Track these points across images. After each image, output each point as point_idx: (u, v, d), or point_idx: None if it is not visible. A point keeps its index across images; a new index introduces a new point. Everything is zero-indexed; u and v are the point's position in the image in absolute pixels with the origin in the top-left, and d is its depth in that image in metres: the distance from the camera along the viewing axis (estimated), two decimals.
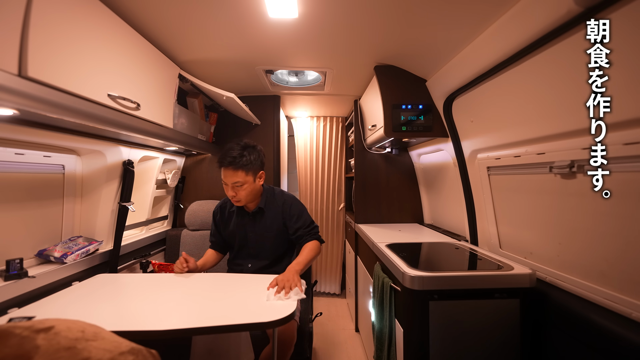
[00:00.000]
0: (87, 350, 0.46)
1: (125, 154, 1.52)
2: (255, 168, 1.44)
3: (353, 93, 2.28)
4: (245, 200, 1.47)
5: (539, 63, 0.99)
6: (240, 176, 1.40)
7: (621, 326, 0.81)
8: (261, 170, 1.50)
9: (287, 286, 1.16)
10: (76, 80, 0.92)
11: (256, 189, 1.50)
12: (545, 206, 1.11)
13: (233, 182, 1.40)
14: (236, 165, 1.39)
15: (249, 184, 1.43)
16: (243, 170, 1.40)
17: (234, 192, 1.43)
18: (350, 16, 1.22)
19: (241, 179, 1.40)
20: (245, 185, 1.42)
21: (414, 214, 2.30)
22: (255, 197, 1.52)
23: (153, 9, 1.15)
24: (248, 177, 1.42)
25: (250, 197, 1.48)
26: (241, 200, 1.46)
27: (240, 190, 1.43)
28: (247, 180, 1.42)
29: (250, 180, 1.43)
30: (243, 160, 1.39)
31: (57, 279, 1.23)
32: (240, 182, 1.40)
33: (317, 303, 2.94)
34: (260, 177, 1.49)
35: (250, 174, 1.42)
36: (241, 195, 1.44)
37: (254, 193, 1.49)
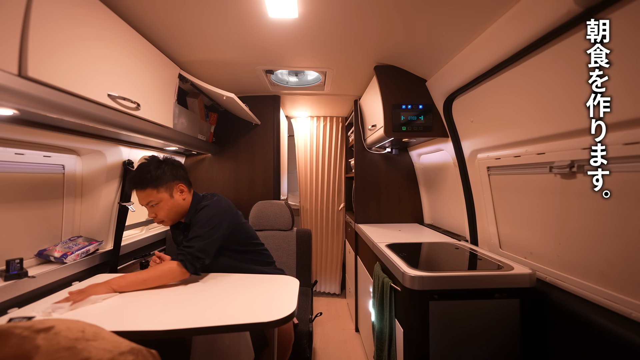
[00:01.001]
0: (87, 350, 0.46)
1: (125, 154, 1.52)
2: (164, 182, 1.28)
3: (353, 93, 2.28)
4: (169, 219, 1.33)
5: (539, 63, 0.99)
6: (152, 195, 1.26)
7: (621, 326, 0.81)
8: (178, 183, 1.33)
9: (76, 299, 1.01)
10: (76, 80, 0.92)
11: (179, 205, 1.32)
12: (545, 206, 1.11)
13: (146, 202, 1.27)
14: (142, 185, 1.25)
15: (164, 202, 1.28)
16: (150, 187, 1.26)
17: (153, 213, 1.30)
18: (350, 16, 1.22)
19: (153, 198, 1.26)
20: (160, 203, 1.28)
21: (414, 214, 2.30)
22: (180, 213, 1.35)
23: (153, 9, 1.15)
24: (160, 194, 1.27)
25: (173, 215, 1.32)
26: (164, 221, 1.32)
27: (158, 210, 1.29)
28: (160, 198, 1.27)
29: (165, 196, 1.28)
30: (148, 178, 1.25)
31: (57, 279, 1.23)
32: (152, 201, 1.27)
33: (317, 303, 2.94)
34: (179, 190, 1.33)
35: (161, 190, 1.27)
36: (162, 215, 1.30)
37: (176, 210, 1.32)
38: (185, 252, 1.21)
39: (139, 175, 1.26)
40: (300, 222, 3.09)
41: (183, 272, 1.19)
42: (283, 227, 2.02)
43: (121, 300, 1.12)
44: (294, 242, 2.01)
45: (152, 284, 1.16)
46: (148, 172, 1.26)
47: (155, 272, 1.17)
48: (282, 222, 2.01)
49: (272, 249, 1.99)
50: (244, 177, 2.36)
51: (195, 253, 1.21)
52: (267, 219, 2.02)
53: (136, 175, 1.27)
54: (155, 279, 1.16)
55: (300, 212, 3.08)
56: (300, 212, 3.08)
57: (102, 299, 1.05)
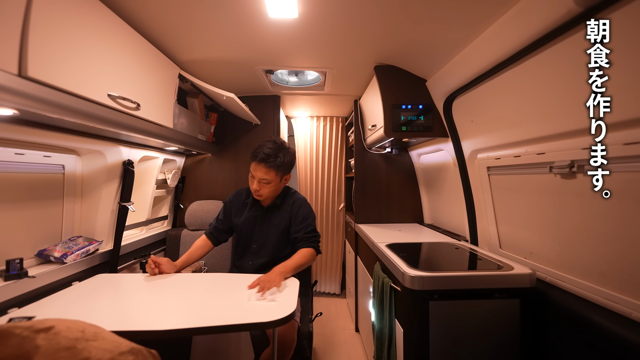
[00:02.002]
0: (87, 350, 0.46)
1: (125, 154, 1.52)
2: (285, 170, 1.49)
3: (353, 93, 2.28)
4: (266, 196, 1.51)
5: (539, 63, 0.99)
6: (270, 175, 1.44)
7: (621, 326, 0.81)
8: (289, 174, 1.54)
9: (267, 287, 1.14)
10: (76, 80, 0.92)
11: (279, 189, 1.54)
12: (545, 206, 1.11)
13: (261, 178, 1.44)
14: (269, 164, 1.42)
15: (274, 183, 1.47)
16: (274, 169, 1.43)
17: (258, 186, 1.46)
18: (350, 16, 1.22)
19: (270, 178, 1.44)
20: (271, 183, 1.46)
21: (414, 214, 2.30)
22: (275, 195, 1.56)
23: (153, 9, 1.15)
24: (277, 177, 1.46)
25: (273, 194, 1.53)
26: (263, 196, 1.50)
27: (266, 187, 1.46)
28: (274, 180, 1.46)
29: (277, 180, 1.47)
30: (277, 161, 1.43)
31: (57, 279, 1.23)
32: (268, 179, 1.44)
33: (317, 303, 2.94)
34: (286, 179, 1.54)
35: (279, 174, 1.47)
36: (264, 192, 1.47)
37: (276, 192, 1.53)
38: (312, 239, 1.51)
39: (272, 154, 1.42)
40: None
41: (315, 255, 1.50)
42: None
43: (121, 300, 1.12)
44: None
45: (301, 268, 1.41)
46: (278, 156, 1.44)
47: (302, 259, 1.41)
48: None
49: None
50: (244, 177, 2.36)
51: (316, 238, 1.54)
52: None
53: (267, 153, 1.42)
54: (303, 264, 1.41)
55: None
56: None
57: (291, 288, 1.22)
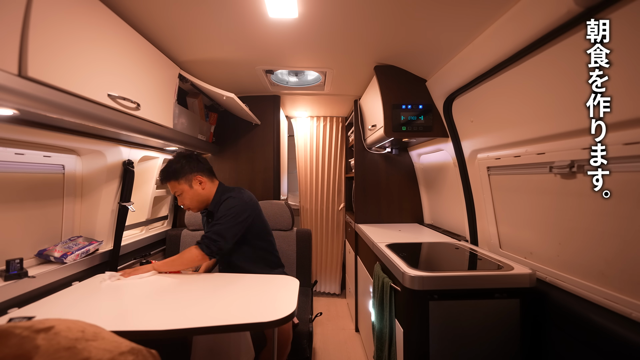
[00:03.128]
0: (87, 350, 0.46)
1: (125, 154, 1.52)
2: (185, 175, 1.46)
3: (353, 93, 2.28)
4: (192, 206, 1.50)
5: (539, 63, 0.99)
6: (173, 186, 1.46)
7: (621, 326, 0.81)
8: (196, 175, 1.48)
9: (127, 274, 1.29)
10: (76, 80, 0.92)
11: (200, 195, 1.49)
12: (545, 206, 1.11)
13: (173, 192, 1.49)
14: (166, 179, 1.46)
15: (185, 192, 1.46)
16: (172, 180, 1.45)
17: (180, 201, 1.50)
18: (350, 16, 1.22)
19: (176, 189, 1.46)
20: (183, 194, 1.47)
21: (414, 214, 2.30)
22: (205, 201, 1.52)
23: (153, 9, 1.15)
24: (181, 186, 1.45)
25: (196, 203, 1.50)
26: (190, 208, 1.51)
27: (182, 199, 1.48)
28: (181, 189, 1.46)
29: (184, 187, 1.46)
30: (170, 171, 1.45)
31: (57, 279, 1.23)
32: (177, 191, 1.47)
33: (317, 303, 2.94)
34: (198, 182, 1.49)
35: (181, 182, 1.45)
36: (186, 204, 1.49)
37: (198, 198, 1.49)
38: (203, 236, 1.39)
39: (164, 170, 1.47)
40: (300, 222, 3.09)
41: (202, 254, 1.35)
42: (283, 227, 2.02)
43: (121, 300, 1.12)
44: (294, 242, 2.01)
45: (179, 267, 1.38)
46: (169, 166, 1.46)
47: (181, 256, 1.37)
48: (282, 222, 2.01)
49: None
50: (244, 177, 2.36)
51: (211, 236, 1.37)
52: (267, 219, 2.01)
53: (162, 171, 1.48)
54: (182, 262, 1.37)
55: (300, 212, 3.08)
56: (300, 212, 3.08)
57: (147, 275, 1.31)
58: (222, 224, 1.40)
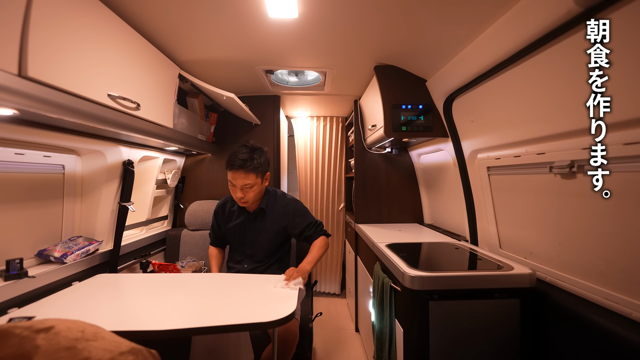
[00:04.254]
0: (87, 350, 0.46)
1: (125, 154, 1.52)
2: (263, 170, 1.48)
3: (353, 93, 2.28)
4: (252, 201, 1.50)
5: (539, 63, 0.99)
6: (251, 178, 1.43)
7: (621, 326, 0.81)
8: (268, 172, 1.53)
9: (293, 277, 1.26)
10: (76, 80, 0.92)
11: (263, 191, 1.54)
12: (545, 206, 1.11)
13: (243, 184, 1.43)
14: (247, 168, 1.41)
15: (257, 186, 1.47)
16: (254, 172, 1.42)
17: (242, 193, 1.45)
18: (350, 16, 1.22)
19: (252, 181, 1.43)
20: (254, 187, 1.46)
21: (414, 214, 2.30)
22: (260, 198, 1.56)
23: (153, 9, 1.15)
24: (258, 179, 1.46)
25: (258, 198, 1.53)
26: (249, 202, 1.49)
27: (250, 192, 1.46)
28: (256, 182, 1.45)
29: (259, 182, 1.47)
30: (254, 163, 1.42)
31: (57, 279, 1.23)
32: (250, 184, 1.43)
33: (317, 303, 2.94)
34: (266, 178, 1.53)
35: (259, 176, 1.46)
36: (249, 197, 1.47)
37: (260, 195, 1.54)
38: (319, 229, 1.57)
39: (248, 159, 1.41)
40: None
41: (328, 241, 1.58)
42: None
43: (121, 300, 1.12)
44: (294, 242, 2.00)
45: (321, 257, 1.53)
46: (253, 158, 1.42)
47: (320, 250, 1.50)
48: None
49: None
50: None
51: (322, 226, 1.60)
52: None
53: (245, 159, 1.40)
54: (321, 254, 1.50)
55: None
56: None
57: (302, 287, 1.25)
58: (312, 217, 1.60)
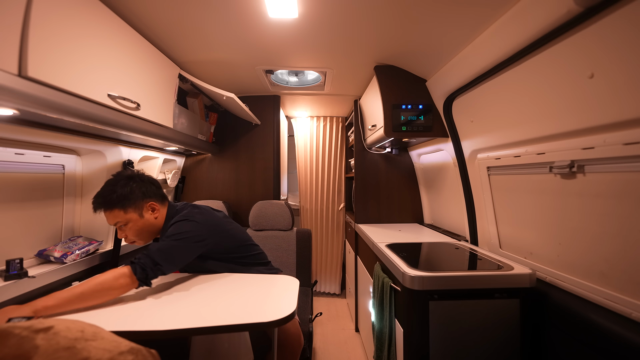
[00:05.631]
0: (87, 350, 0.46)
1: (125, 154, 1.52)
2: (134, 201, 1.19)
3: (353, 93, 2.28)
4: (140, 239, 1.24)
5: (539, 63, 0.99)
6: (118, 216, 1.17)
7: (621, 326, 0.81)
8: (148, 201, 1.23)
9: None
10: (76, 80, 0.92)
11: (150, 225, 1.23)
12: (545, 206, 1.11)
13: (114, 222, 1.19)
14: (108, 206, 1.16)
15: (133, 222, 1.19)
16: (117, 207, 1.16)
17: (122, 233, 1.21)
18: (350, 16, 1.22)
19: (120, 219, 1.18)
20: (129, 224, 1.19)
21: (414, 214, 2.30)
22: (153, 232, 1.26)
23: (153, 9, 1.15)
24: (128, 215, 1.18)
25: (145, 234, 1.24)
26: (136, 242, 1.24)
27: (127, 230, 1.20)
28: (129, 219, 1.18)
29: (133, 217, 1.19)
30: (114, 197, 1.15)
31: (57, 279, 1.23)
32: (120, 222, 1.18)
33: (317, 303, 2.94)
34: (150, 209, 1.24)
35: (130, 210, 1.18)
36: (132, 236, 1.21)
37: (148, 229, 1.23)
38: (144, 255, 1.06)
39: (104, 194, 1.16)
40: (300, 222, 3.09)
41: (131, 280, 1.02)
42: (283, 227, 2.02)
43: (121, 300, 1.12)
44: (294, 242, 2.01)
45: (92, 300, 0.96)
46: (113, 191, 1.16)
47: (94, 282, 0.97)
48: (282, 222, 2.01)
49: (272, 249, 1.99)
50: (244, 177, 2.36)
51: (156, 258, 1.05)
52: (267, 219, 2.02)
53: (101, 195, 1.16)
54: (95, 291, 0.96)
55: (300, 212, 3.08)
56: (300, 212, 3.08)
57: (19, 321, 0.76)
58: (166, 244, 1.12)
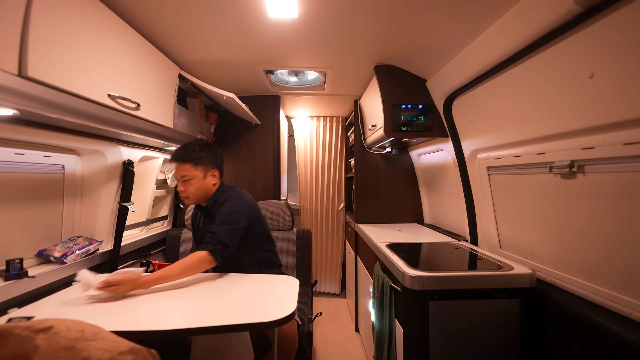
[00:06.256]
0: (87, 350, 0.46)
1: (125, 154, 1.52)
2: (205, 164, 1.41)
3: (353, 93, 2.28)
4: (193, 196, 1.42)
5: (539, 63, 0.99)
6: (188, 169, 1.37)
7: (621, 326, 0.81)
8: (214, 169, 1.45)
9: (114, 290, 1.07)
10: (76, 80, 0.93)
11: (206, 187, 1.44)
12: (546, 206, 1.11)
13: (181, 175, 1.38)
14: (184, 159, 1.37)
15: (197, 180, 1.39)
16: (190, 163, 1.37)
17: (182, 186, 1.40)
18: (350, 16, 1.22)
19: (189, 173, 1.37)
20: (193, 180, 1.38)
21: (414, 214, 2.30)
22: (205, 195, 1.46)
23: (153, 9, 1.15)
24: (196, 172, 1.39)
25: (200, 194, 1.43)
26: (189, 197, 1.41)
27: (188, 185, 1.39)
28: (194, 175, 1.38)
29: (198, 175, 1.39)
30: (192, 155, 1.38)
31: (57, 279, 1.23)
32: (187, 176, 1.37)
33: (317, 303, 2.94)
34: (212, 175, 1.45)
35: (199, 168, 1.39)
36: (189, 191, 1.40)
37: (203, 191, 1.43)
38: (212, 241, 1.28)
39: (184, 150, 1.39)
40: (300, 222, 3.09)
41: (211, 260, 1.26)
42: (283, 227, 2.02)
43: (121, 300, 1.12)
44: (294, 242, 2.00)
45: (184, 276, 1.23)
46: (193, 150, 1.39)
47: (185, 264, 1.21)
48: (282, 222, 2.01)
49: None
50: (244, 177, 2.36)
51: (224, 240, 1.30)
52: (267, 219, 2.01)
53: (181, 150, 1.40)
54: (186, 270, 1.22)
55: (300, 212, 3.08)
56: (300, 212, 3.08)
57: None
58: (227, 226, 1.34)
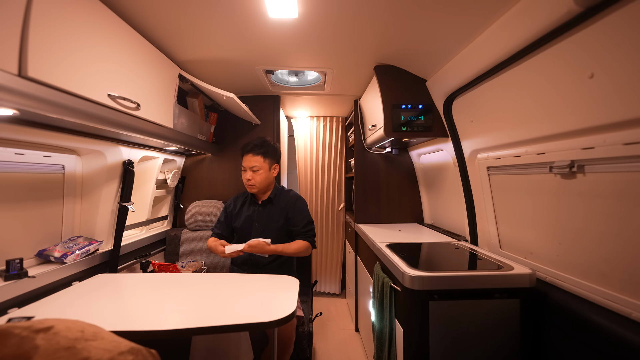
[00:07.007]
0: (87, 350, 0.46)
1: (125, 154, 1.52)
2: (271, 158, 1.68)
3: (353, 93, 2.28)
4: (259, 185, 1.65)
5: (539, 63, 0.99)
6: (258, 161, 1.63)
7: (621, 326, 0.81)
8: (276, 163, 1.72)
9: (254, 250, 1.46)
10: (76, 80, 0.92)
11: (269, 179, 1.70)
12: (545, 206, 1.11)
13: (251, 165, 1.63)
14: (256, 152, 1.64)
15: (264, 171, 1.65)
16: (261, 155, 1.64)
17: (251, 175, 1.64)
18: (350, 16, 1.22)
19: (258, 164, 1.63)
20: (261, 171, 1.64)
21: (414, 214, 2.30)
22: (267, 187, 1.72)
23: (153, 9, 1.15)
24: (264, 164, 1.65)
25: (264, 184, 1.68)
26: (256, 185, 1.65)
27: (257, 175, 1.64)
28: (263, 167, 1.65)
29: (266, 167, 1.66)
30: (262, 149, 1.65)
31: (57, 279, 1.23)
32: (257, 166, 1.63)
33: (317, 303, 2.94)
34: (274, 168, 1.71)
35: (267, 161, 1.66)
36: (256, 180, 1.64)
37: (267, 182, 1.69)
38: (309, 233, 1.67)
39: (261, 144, 1.67)
40: None
41: (310, 249, 1.66)
42: None
43: (121, 300, 1.12)
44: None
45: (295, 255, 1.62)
46: (268, 145, 1.68)
47: (294, 247, 1.59)
48: None
49: None
50: None
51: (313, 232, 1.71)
52: None
53: (258, 144, 1.66)
54: (293, 252, 1.59)
55: None
56: None
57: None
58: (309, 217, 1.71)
